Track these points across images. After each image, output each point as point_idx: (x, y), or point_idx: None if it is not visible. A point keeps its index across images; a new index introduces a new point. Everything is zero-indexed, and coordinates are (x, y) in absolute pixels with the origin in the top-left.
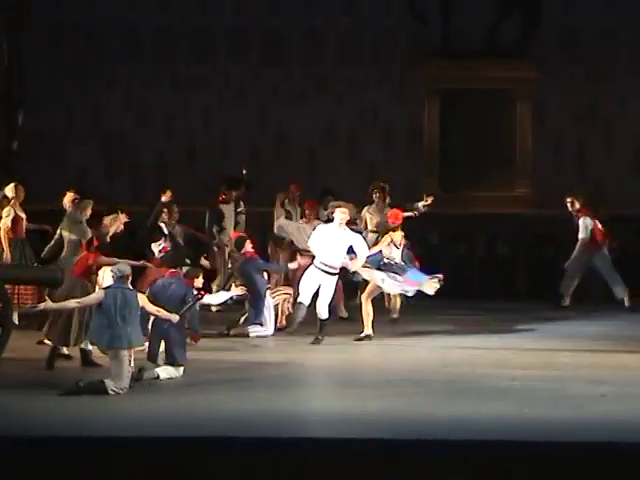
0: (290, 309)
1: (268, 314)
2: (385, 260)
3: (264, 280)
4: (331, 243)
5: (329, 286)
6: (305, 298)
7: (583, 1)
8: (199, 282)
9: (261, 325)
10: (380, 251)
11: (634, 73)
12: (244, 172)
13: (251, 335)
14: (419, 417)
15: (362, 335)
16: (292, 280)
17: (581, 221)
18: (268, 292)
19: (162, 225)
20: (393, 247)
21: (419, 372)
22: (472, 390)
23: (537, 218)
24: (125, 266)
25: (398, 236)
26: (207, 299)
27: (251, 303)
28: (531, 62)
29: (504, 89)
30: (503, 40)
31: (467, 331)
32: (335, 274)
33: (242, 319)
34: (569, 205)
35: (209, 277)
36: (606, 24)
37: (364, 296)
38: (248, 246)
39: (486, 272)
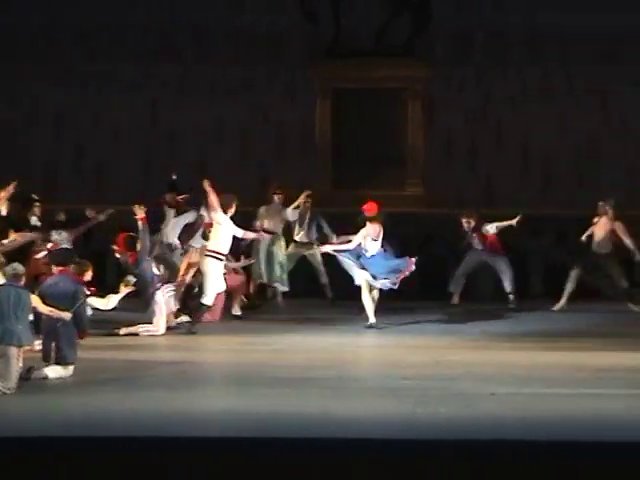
0: (177, 306)
1: (159, 313)
2: (365, 253)
3: (157, 278)
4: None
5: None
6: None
7: (473, 2)
8: (88, 276)
9: (151, 324)
10: (359, 244)
11: (524, 73)
12: (174, 177)
13: (141, 334)
14: (311, 416)
15: (367, 324)
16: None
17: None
18: (159, 291)
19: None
20: (369, 240)
21: (311, 371)
22: (362, 389)
23: (428, 217)
24: (19, 265)
25: (373, 228)
26: (96, 303)
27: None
28: (422, 61)
29: (395, 88)
30: (394, 39)
31: (357, 330)
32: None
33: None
34: (465, 225)
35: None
36: (496, 25)
37: (362, 286)
38: (139, 246)
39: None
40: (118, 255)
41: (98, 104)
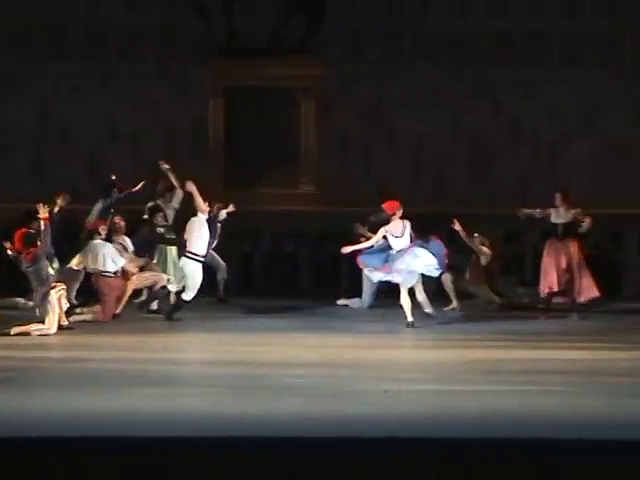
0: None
1: (52, 312)
2: (391, 252)
3: (51, 278)
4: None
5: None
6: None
7: (367, 2)
8: None
9: (43, 323)
10: (371, 245)
11: (416, 74)
12: (113, 177)
13: (33, 333)
14: (209, 415)
15: (406, 322)
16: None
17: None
18: (53, 290)
19: None
20: (392, 238)
21: (206, 370)
22: (258, 388)
23: (322, 215)
24: None
25: (395, 226)
26: None
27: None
28: (316, 60)
29: (288, 87)
30: (288, 38)
31: (253, 328)
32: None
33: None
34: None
35: None
36: (390, 26)
37: (400, 288)
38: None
39: (271, 269)
40: (10, 252)
41: None
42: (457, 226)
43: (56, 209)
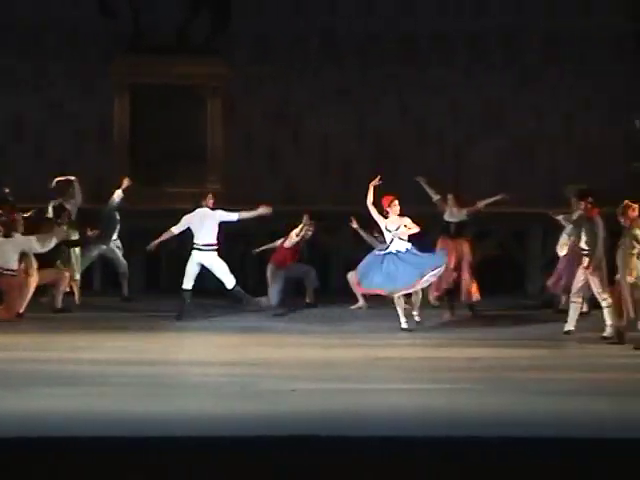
0: None
1: None
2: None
3: None
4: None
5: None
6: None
7: (274, 4)
8: None
9: None
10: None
11: (322, 74)
12: (6, 190)
13: None
14: (112, 415)
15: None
16: None
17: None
18: None
19: None
20: (387, 234)
21: (112, 369)
22: (165, 387)
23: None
24: None
25: (391, 222)
26: None
27: None
28: (222, 60)
29: (195, 85)
30: (194, 37)
31: (161, 327)
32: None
33: None
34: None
35: None
36: (296, 27)
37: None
38: None
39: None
40: None
41: None
42: (354, 224)
43: None
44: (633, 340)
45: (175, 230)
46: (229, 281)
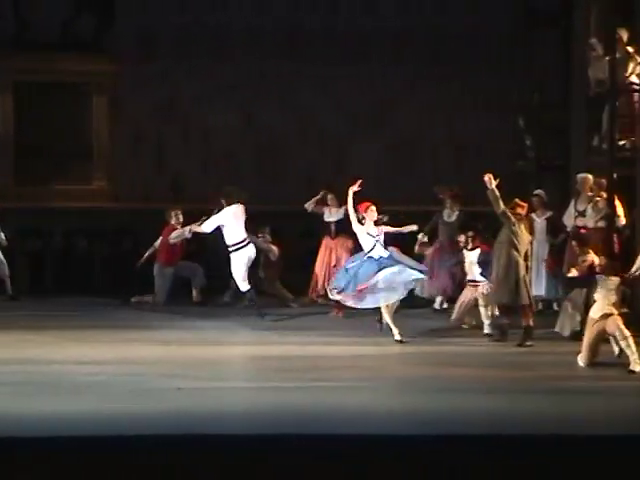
0: None
1: None
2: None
3: None
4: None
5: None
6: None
7: (159, 1)
8: None
9: None
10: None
11: (210, 70)
12: None
13: None
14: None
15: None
16: None
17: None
18: None
19: None
20: (369, 240)
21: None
22: (49, 386)
23: (115, 212)
24: None
25: (371, 227)
26: None
27: None
28: (108, 57)
29: (80, 83)
30: (80, 34)
31: (45, 327)
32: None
33: None
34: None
35: None
36: (181, 22)
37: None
38: None
39: (64, 267)
40: None
41: None
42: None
43: None
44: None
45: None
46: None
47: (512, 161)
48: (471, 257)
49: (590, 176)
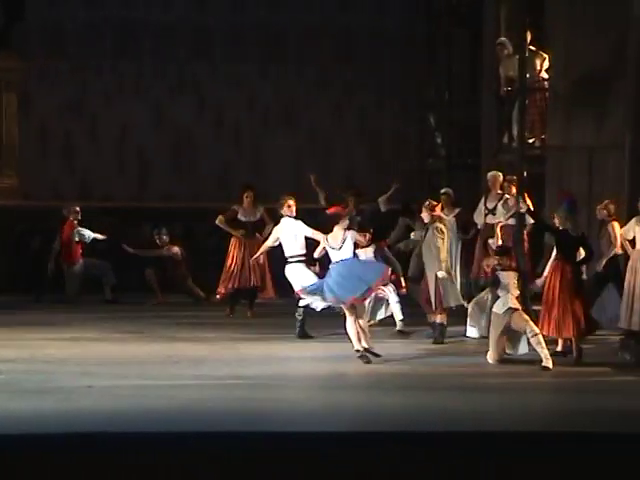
0: None
1: None
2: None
3: None
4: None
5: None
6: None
7: None
8: None
9: None
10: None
11: (119, 68)
12: None
13: None
14: None
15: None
16: None
17: None
18: None
19: None
20: (330, 250)
21: None
22: None
23: (23, 210)
24: None
25: (334, 236)
26: None
27: None
28: (15, 54)
29: None
30: None
31: None
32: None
33: None
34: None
35: None
36: (90, 19)
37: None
38: None
39: None
40: None
41: None
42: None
43: None
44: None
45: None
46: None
47: (422, 159)
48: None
49: (500, 174)
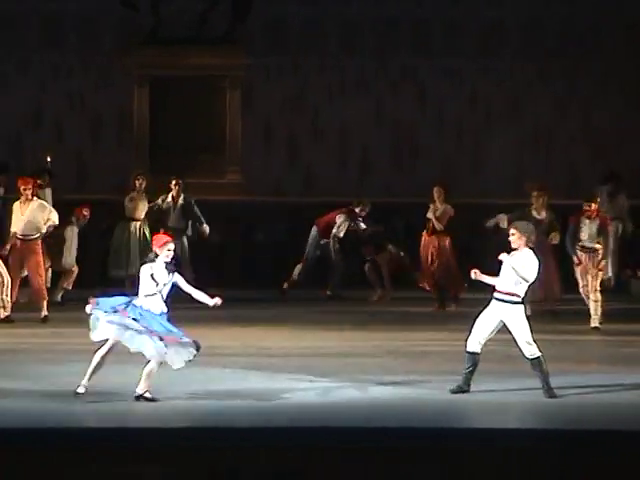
0: None
1: None
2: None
3: None
4: None
5: None
6: None
7: None
8: None
9: None
10: None
11: (340, 63)
12: (49, 159)
13: None
14: None
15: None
16: None
17: None
18: None
19: None
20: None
21: None
22: None
23: (247, 205)
24: None
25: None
26: None
27: None
28: (240, 50)
29: (213, 76)
30: (213, 28)
31: None
32: None
33: None
34: None
35: None
36: (312, 14)
37: None
38: None
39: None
40: None
41: None
42: None
43: None
44: None
45: None
46: None
47: None
48: None
49: None
